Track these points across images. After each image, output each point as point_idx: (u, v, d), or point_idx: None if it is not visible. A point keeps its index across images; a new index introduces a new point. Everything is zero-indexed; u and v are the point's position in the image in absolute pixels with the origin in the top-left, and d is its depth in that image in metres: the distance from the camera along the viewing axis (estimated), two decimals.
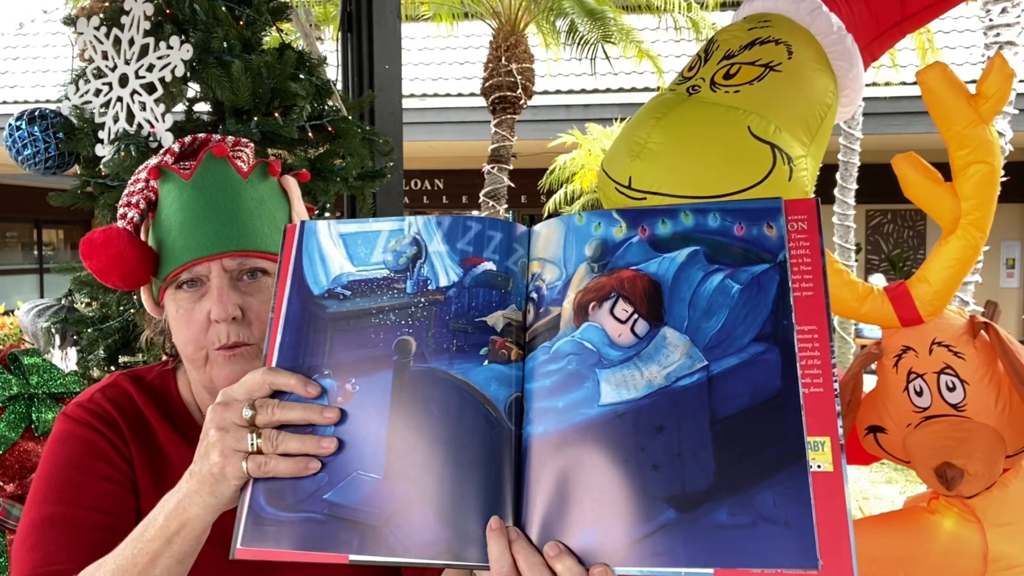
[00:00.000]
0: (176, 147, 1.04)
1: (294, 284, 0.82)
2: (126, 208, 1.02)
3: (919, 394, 1.22)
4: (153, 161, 1.02)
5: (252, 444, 0.75)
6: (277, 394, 0.78)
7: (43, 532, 0.93)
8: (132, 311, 2.27)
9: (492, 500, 0.71)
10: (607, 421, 0.71)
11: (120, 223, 1.00)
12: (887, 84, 8.87)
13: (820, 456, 0.68)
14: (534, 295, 0.78)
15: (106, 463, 0.98)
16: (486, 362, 0.75)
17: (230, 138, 1.07)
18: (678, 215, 0.77)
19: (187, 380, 1.08)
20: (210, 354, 0.98)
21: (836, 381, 0.70)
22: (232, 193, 1.01)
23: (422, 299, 0.79)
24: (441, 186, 14.41)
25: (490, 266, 0.79)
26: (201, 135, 1.07)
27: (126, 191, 1.03)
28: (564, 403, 0.72)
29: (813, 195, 0.77)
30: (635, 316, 0.74)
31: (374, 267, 0.81)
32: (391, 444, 0.74)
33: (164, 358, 1.13)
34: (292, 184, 1.08)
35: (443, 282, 0.79)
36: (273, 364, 0.79)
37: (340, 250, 0.83)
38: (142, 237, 1.03)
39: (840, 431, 0.69)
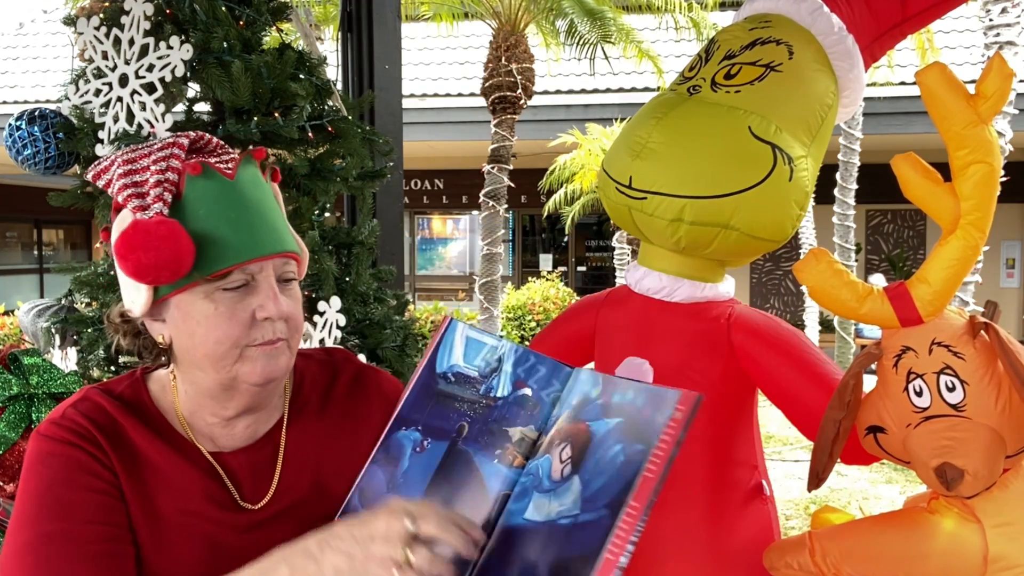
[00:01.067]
0: (184, 141, 1.00)
1: (430, 360, 1.07)
2: (141, 199, 0.95)
3: (919, 394, 1.22)
4: (161, 153, 0.97)
5: (402, 556, 0.85)
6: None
7: (43, 550, 0.92)
8: None
9: (462, 565, 0.88)
10: (518, 532, 0.90)
11: (145, 214, 0.94)
12: (887, 84, 8.86)
13: None
14: (549, 423, 0.97)
15: (93, 476, 0.97)
16: (496, 461, 0.96)
17: (214, 139, 1.05)
18: (629, 391, 0.92)
19: (161, 387, 1.06)
20: (246, 350, 0.97)
21: (626, 555, 0.81)
22: (267, 196, 1.03)
23: (483, 401, 1.02)
24: (441, 186, 14.41)
25: (528, 392, 1.00)
26: (206, 135, 1.05)
27: (132, 180, 0.97)
28: (513, 508, 0.92)
29: (696, 394, 0.87)
30: (570, 460, 0.90)
31: (472, 367, 1.05)
32: (427, 493, 0.97)
33: (148, 365, 1.10)
34: (278, 192, 1.08)
35: (499, 394, 1.02)
36: (400, 408, 1.05)
37: (461, 347, 1.07)
38: None
39: None
